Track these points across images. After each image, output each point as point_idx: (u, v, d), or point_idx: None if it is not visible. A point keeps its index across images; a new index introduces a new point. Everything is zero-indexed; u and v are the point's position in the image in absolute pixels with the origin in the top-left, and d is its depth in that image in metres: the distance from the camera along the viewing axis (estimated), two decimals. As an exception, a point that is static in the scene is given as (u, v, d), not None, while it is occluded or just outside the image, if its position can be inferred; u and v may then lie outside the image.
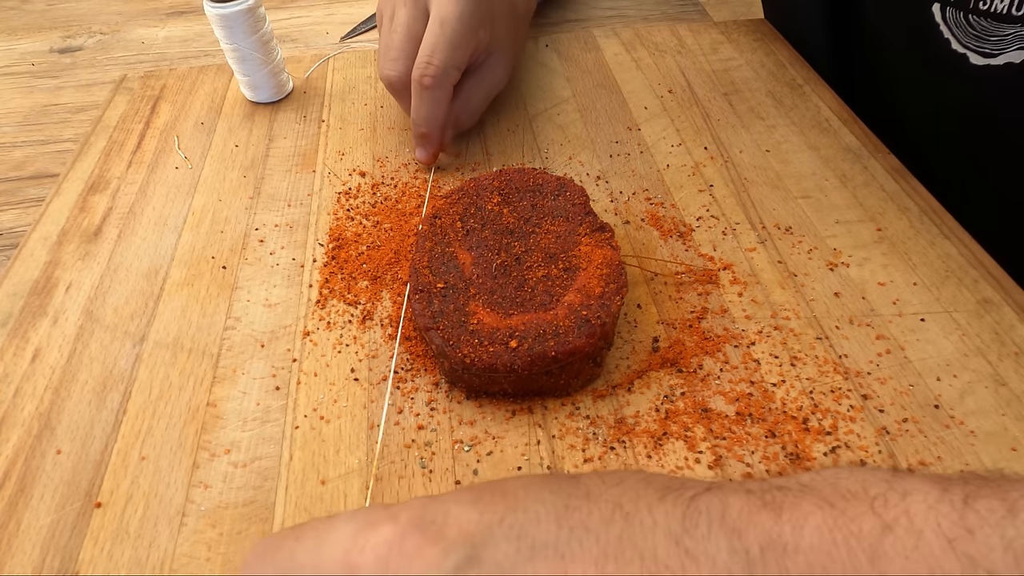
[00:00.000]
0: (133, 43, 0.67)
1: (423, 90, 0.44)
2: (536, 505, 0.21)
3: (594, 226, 0.38)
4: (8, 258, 0.45)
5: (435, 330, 0.34)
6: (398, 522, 0.21)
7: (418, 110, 0.45)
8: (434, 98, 0.45)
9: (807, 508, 0.20)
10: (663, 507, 0.20)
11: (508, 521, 0.21)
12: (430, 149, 0.47)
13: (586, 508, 0.21)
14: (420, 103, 0.45)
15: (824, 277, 0.40)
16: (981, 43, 0.42)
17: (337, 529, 0.22)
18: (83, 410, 0.35)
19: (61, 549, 0.30)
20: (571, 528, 0.20)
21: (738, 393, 0.34)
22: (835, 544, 0.18)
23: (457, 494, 0.22)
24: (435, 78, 0.44)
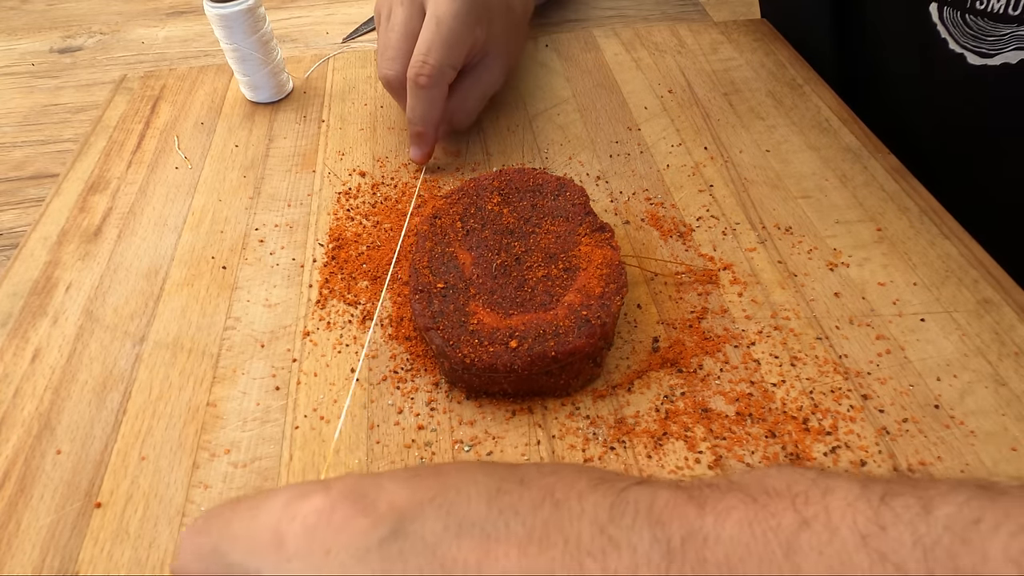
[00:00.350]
0: (133, 43, 0.67)
1: (418, 89, 0.44)
2: (469, 486, 0.21)
3: (594, 226, 0.38)
4: (8, 258, 0.45)
5: (435, 330, 0.34)
6: (329, 493, 0.21)
7: (413, 109, 0.45)
8: (429, 97, 0.45)
9: (731, 503, 0.20)
10: (593, 496, 0.21)
11: (439, 499, 0.21)
12: (424, 148, 0.47)
13: (517, 493, 0.21)
14: (415, 102, 0.45)
15: (824, 277, 0.40)
16: (978, 43, 0.42)
17: (271, 499, 0.22)
18: (83, 410, 0.35)
19: (61, 549, 0.30)
20: (500, 510, 0.20)
21: (738, 393, 0.34)
22: (753, 537, 0.19)
23: (393, 472, 0.23)
24: (430, 77, 0.44)
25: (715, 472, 0.32)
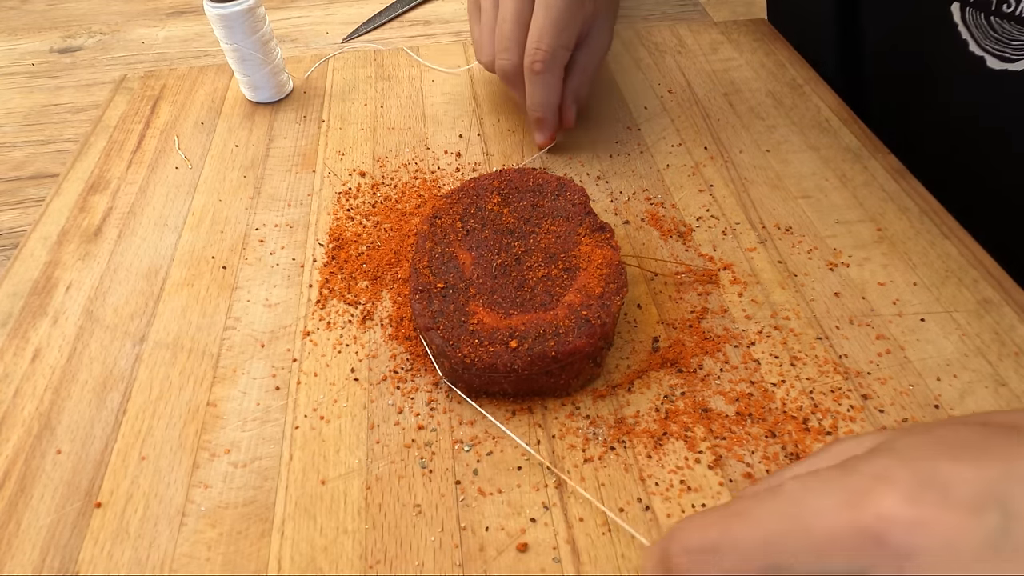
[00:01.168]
0: (133, 43, 0.67)
1: (535, 76, 0.45)
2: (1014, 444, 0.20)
3: (594, 226, 0.38)
4: (8, 258, 0.45)
5: (435, 330, 0.34)
6: (898, 487, 0.19)
7: (532, 96, 0.46)
8: (546, 82, 0.45)
9: None
10: None
11: (1012, 470, 0.19)
12: (547, 132, 0.48)
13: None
14: (533, 89, 0.45)
15: (824, 277, 0.40)
16: (1001, 47, 0.42)
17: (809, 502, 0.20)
18: (83, 410, 0.35)
19: (61, 549, 0.30)
20: None
21: (738, 393, 0.34)
22: None
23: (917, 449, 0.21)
24: (544, 63, 0.44)
25: (715, 472, 0.32)
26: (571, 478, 0.32)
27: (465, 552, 0.30)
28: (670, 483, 0.31)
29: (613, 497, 0.31)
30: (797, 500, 0.21)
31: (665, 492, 0.31)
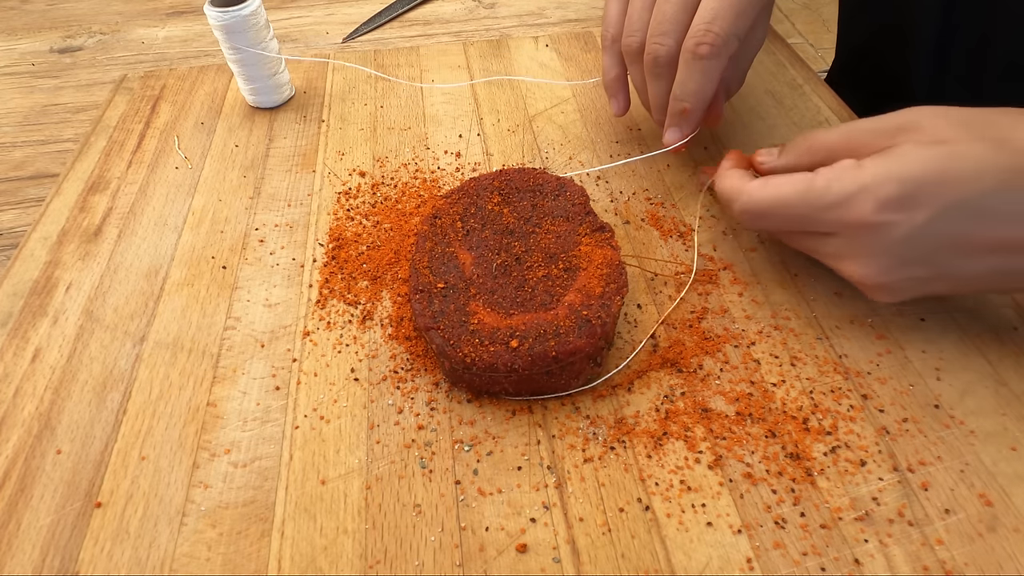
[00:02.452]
0: (133, 43, 0.67)
1: (696, 60, 0.39)
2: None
3: (594, 226, 0.38)
4: (8, 258, 0.45)
5: (435, 330, 0.34)
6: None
7: (685, 84, 0.40)
8: (708, 70, 0.40)
9: None
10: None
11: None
12: (689, 127, 0.42)
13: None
14: (690, 75, 0.40)
15: (824, 277, 0.40)
16: None
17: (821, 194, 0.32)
18: (83, 410, 0.35)
19: (61, 549, 0.30)
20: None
21: (738, 393, 0.34)
22: None
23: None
24: (714, 47, 0.39)
25: (715, 472, 0.32)
26: (571, 478, 0.32)
27: (465, 552, 0.30)
28: (670, 483, 0.31)
29: (613, 497, 0.31)
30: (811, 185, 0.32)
31: (665, 492, 0.31)
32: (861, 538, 0.29)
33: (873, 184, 0.30)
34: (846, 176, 0.31)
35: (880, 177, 0.30)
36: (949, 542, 0.29)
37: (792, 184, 0.33)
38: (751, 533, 0.30)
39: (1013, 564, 0.28)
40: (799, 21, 1.98)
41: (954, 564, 0.28)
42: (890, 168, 0.30)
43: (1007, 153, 0.29)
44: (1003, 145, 0.29)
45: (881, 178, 0.30)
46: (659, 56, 0.41)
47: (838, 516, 0.30)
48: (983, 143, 0.30)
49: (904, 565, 0.28)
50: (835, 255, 0.34)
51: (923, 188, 0.30)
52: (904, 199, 0.30)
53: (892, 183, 0.30)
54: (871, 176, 0.31)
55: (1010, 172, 0.29)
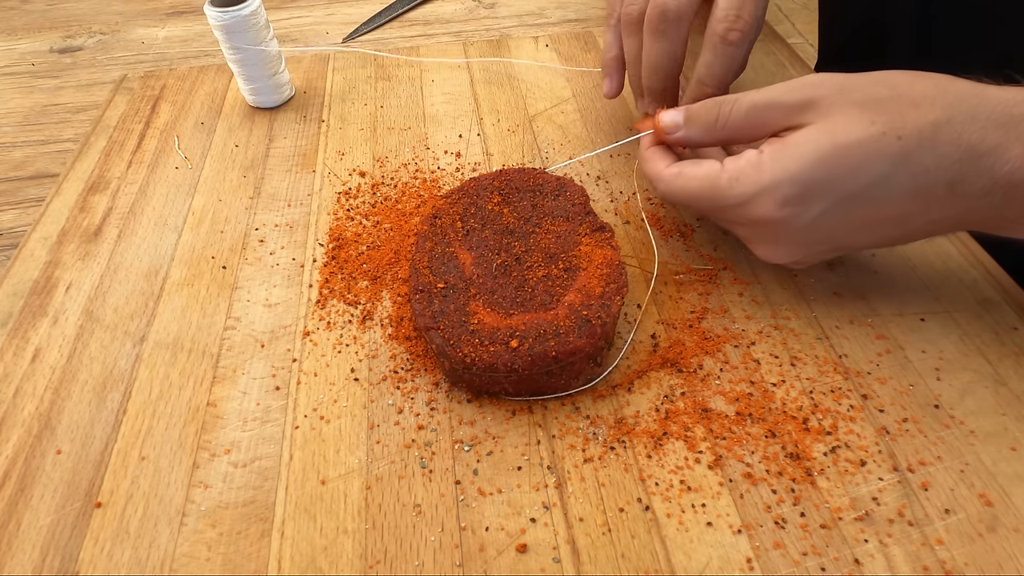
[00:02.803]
0: (133, 43, 0.67)
1: (726, 46, 0.39)
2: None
3: (594, 226, 0.38)
4: (8, 258, 0.45)
5: (435, 330, 0.34)
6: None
7: (711, 67, 0.40)
8: (735, 56, 0.40)
9: None
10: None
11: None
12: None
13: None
14: (716, 59, 0.40)
15: (824, 277, 0.40)
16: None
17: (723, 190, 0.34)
18: (83, 410, 0.35)
19: (61, 549, 0.30)
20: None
21: (738, 393, 0.34)
22: None
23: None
24: (744, 33, 0.39)
25: (715, 472, 0.32)
26: (571, 478, 0.32)
27: (465, 552, 0.30)
28: (670, 483, 0.31)
29: (613, 497, 0.31)
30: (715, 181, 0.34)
31: (665, 492, 0.31)
32: (861, 538, 0.29)
33: (771, 186, 0.32)
34: (747, 177, 0.33)
35: (777, 179, 0.32)
36: (949, 542, 0.29)
37: (699, 180, 0.35)
38: (751, 533, 0.30)
39: (1013, 564, 0.28)
40: (799, 21, 1.98)
41: (954, 564, 0.28)
42: (786, 168, 0.32)
43: (892, 139, 0.31)
44: (891, 129, 0.31)
45: (778, 180, 0.32)
46: (667, 9, 0.40)
47: (838, 516, 0.30)
48: (872, 129, 0.31)
49: (904, 565, 0.28)
50: (745, 239, 0.37)
51: (816, 185, 0.32)
52: (800, 197, 0.32)
53: (788, 184, 0.32)
54: (769, 178, 0.32)
55: (897, 157, 0.31)
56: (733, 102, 0.35)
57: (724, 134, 0.36)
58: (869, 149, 0.31)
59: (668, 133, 0.38)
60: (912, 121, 0.31)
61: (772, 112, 0.34)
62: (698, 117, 0.37)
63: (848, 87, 0.32)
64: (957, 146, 0.30)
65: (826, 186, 0.32)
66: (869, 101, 0.32)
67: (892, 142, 0.31)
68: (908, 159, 0.31)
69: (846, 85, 0.33)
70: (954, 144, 0.30)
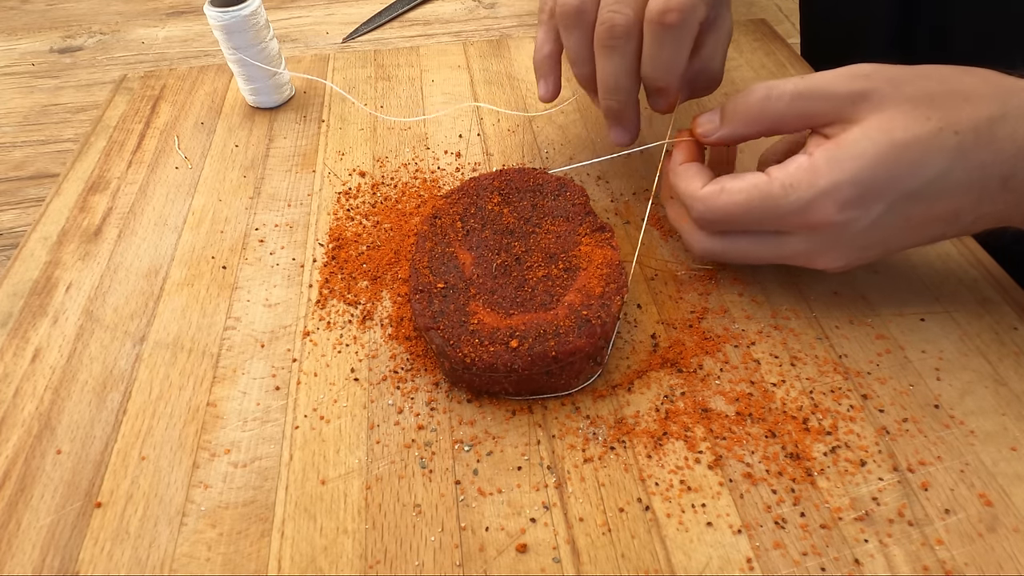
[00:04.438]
0: (133, 43, 0.67)
1: (665, 30, 0.36)
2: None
3: (594, 226, 0.38)
4: (8, 258, 0.45)
5: (435, 330, 0.34)
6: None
7: (655, 57, 0.37)
8: (678, 39, 0.36)
9: None
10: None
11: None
12: (663, 103, 0.40)
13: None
14: (659, 47, 0.37)
15: (824, 277, 0.40)
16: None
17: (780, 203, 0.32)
18: (83, 410, 0.35)
19: (61, 549, 0.30)
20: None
21: (738, 393, 0.34)
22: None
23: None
24: (682, 12, 0.35)
25: (715, 472, 0.32)
26: (571, 478, 0.32)
27: (465, 552, 0.30)
28: (670, 483, 0.31)
29: (613, 497, 0.31)
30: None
31: (665, 492, 0.31)
32: (861, 538, 0.29)
33: (831, 188, 0.31)
34: (802, 181, 0.32)
35: (836, 180, 0.31)
36: (949, 542, 0.29)
37: (748, 193, 0.33)
38: (751, 533, 0.30)
39: (1013, 564, 0.28)
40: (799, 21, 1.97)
41: (954, 564, 0.28)
42: (845, 169, 0.31)
43: (949, 135, 0.30)
44: (947, 125, 0.30)
45: (838, 181, 0.31)
46: (616, 25, 0.37)
47: (838, 516, 0.30)
48: (929, 125, 0.30)
49: (904, 565, 0.28)
50: (798, 253, 0.35)
51: (877, 185, 0.31)
52: (861, 198, 0.31)
53: (848, 186, 0.31)
54: (827, 181, 0.31)
55: (955, 153, 0.30)
56: (770, 89, 0.33)
57: (767, 124, 0.34)
58: (928, 146, 0.30)
59: (708, 134, 0.36)
60: (967, 116, 0.30)
61: (819, 102, 0.32)
62: (736, 111, 0.35)
63: (900, 80, 0.31)
64: (1013, 141, 0.30)
65: (887, 185, 0.31)
66: (922, 96, 0.31)
67: (950, 137, 0.30)
68: (965, 155, 0.30)
69: (897, 78, 0.32)
70: (1010, 139, 0.30)
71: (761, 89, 0.34)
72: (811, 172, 0.32)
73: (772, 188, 0.32)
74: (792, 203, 0.32)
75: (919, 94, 0.31)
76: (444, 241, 0.38)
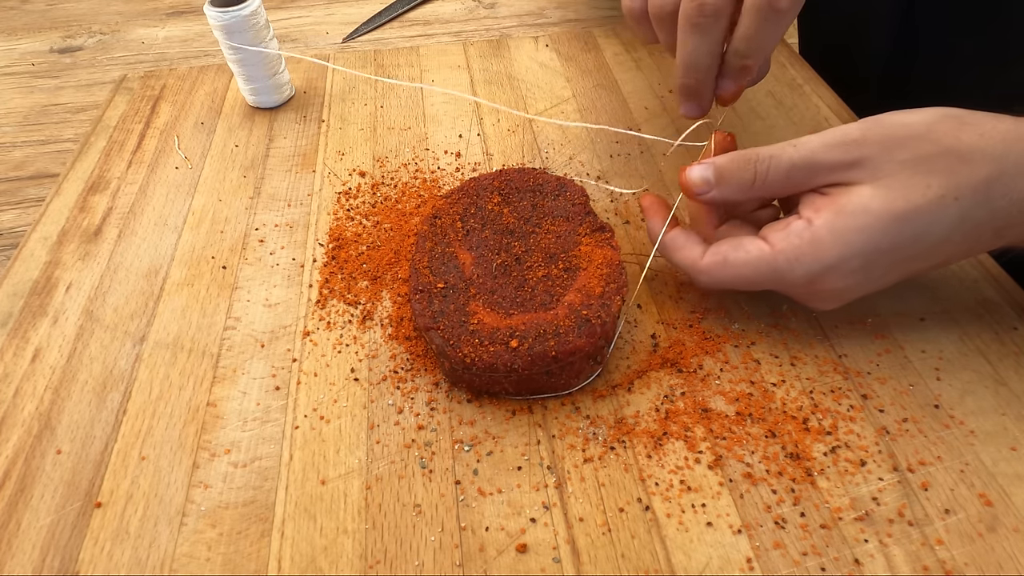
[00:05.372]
0: (133, 43, 0.67)
1: (774, 13, 0.35)
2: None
3: (594, 226, 0.38)
4: (8, 258, 0.45)
5: (435, 330, 0.34)
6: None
7: (753, 38, 0.37)
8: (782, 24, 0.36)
9: None
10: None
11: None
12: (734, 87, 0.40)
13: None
14: (761, 28, 0.36)
15: (824, 277, 0.40)
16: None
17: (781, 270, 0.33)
18: (83, 410, 0.35)
19: (61, 549, 0.30)
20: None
21: (738, 393, 0.34)
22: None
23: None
24: (714, 5, 0.35)
25: (715, 472, 0.32)
26: (571, 478, 0.32)
27: (465, 552, 0.30)
28: (670, 483, 0.31)
29: (613, 497, 0.31)
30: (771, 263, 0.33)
31: (665, 492, 0.31)
32: (861, 538, 0.29)
33: (837, 263, 0.32)
34: (807, 256, 0.32)
35: (842, 255, 0.32)
36: (949, 542, 0.29)
37: (754, 267, 0.33)
38: (751, 533, 0.30)
39: (1013, 564, 0.28)
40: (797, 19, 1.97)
41: (954, 564, 0.28)
42: (849, 243, 0.31)
43: (950, 202, 0.30)
44: (948, 191, 0.30)
45: (843, 255, 0.32)
46: (706, 4, 0.36)
47: (838, 516, 0.30)
48: (929, 193, 0.30)
49: (904, 565, 0.28)
50: (799, 299, 0.35)
51: (880, 255, 0.32)
52: (864, 267, 0.32)
53: (853, 259, 0.32)
54: (833, 256, 0.32)
55: (956, 219, 0.31)
56: (769, 159, 0.33)
57: (760, 193, 0.34)
58: (930, 216, 0.31)
59: (699, 193, 0.35)
60: (966, 179, 0.30)
61: (814, 172, 0.33)
62: (731, 176, 0.34)
63: (892, 144, 0.31)
64: (1009, 199, 0.30)
65: (890, 254, 0.32)
66: (919, 160, 0.31)
67: (950, 204, 0.30)
68: (964, 218, 0.31)
69: (889, 141, 0.31)
70: (1006, 198, 0.30)
71: (754, 159, 0.34)
72: (815, 246, 0.32)
73: (777, 262, 0.33)
74: (798, 276, 0.33)
75: (916, 158, 0.31)
76: (444, 241, 0.38)
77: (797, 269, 0.32)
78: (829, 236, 0.31)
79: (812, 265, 0.32)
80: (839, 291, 0.33)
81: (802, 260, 0.32)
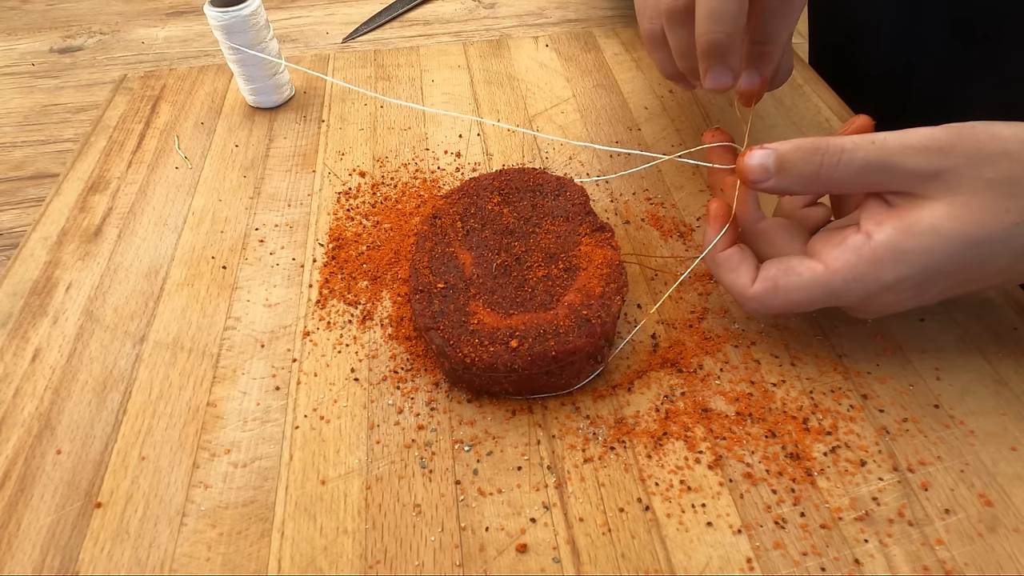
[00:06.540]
0: (133, 43, 0.67)
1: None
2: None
3: (594, 226, 0.38)
4: (8, 258, 0.45)
5: (435, 330, 0.34)
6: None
7: (774, 25, 0.36)
8: (799, 10, 0.35)
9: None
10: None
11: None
12: (766, 71, 0.37)
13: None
14: (781, 15, 0.35)
15: (824, 277, 0.40)
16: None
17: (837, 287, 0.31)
18: (83, 410, 0.35)
19: (61, 549, 0.30)
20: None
21: (738, 393, 0.34)
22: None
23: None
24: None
25: (715, 472, 0.32)
26: (571, 478, 0.32)
27: (465, 552, 0.30)
28: (670, 483, 0.31)
29: (613, 497, 0.31)
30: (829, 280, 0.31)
31: (665, 492, 0.31)
32: (861, 538, 0.29)
33: (896, 283, 0.30)
34: (866, 276, 0.30)
35: (902, 275, 0.30)
36: (949, 542, 0.29)
37: (807, 292, 0.31)
38: (751, 533, 0.30)
39: (1013, 564, 0.28)
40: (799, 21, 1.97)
41: (954, 564, 0.28)
42: (911, 264, 0.29)
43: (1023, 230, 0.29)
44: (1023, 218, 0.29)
45: (903, 276, 0.30)
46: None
47: (838, 516, 0.30)
48: (1006, 219, 0.28)
49: (904, 565, 0.28)
50: (848, 310, 0.34)
51: (941, 276, 0.30)
52: (921, 286, 0.30)
53: (913, 279, 0.30)
54: (893, 277, 0.30)
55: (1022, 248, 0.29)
56: (840, 153, 0.30)
57: (824, 188, 0.32)
58: (1002, 244, 0.29)
59: (757, 181, 0.32)
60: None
61: (889, 176, 0.30)
62: (794, 167, 0.31)
63: (980, 159, 0.28)
64: None
65: (950, 277, 0.30)
66: (1004, 182, 0.28)
67: (1022, 233, 0.29)
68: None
69: (978, 156, 0.29)
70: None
71: (823, 150, 0.30)
72: (874, 266, 0.30)
73: (833, 284, 0.31)
74: (855, 295, 0.31)
75: (1001, 178, 0.28)
76: (444, 241, 0.38)
77: (855, 288, 0.31)
78: (890, 255, 0.30)
79: (870, 285, 0.30)
80: (887, 304, 0.32)
81: (860, 279, 0.30)
